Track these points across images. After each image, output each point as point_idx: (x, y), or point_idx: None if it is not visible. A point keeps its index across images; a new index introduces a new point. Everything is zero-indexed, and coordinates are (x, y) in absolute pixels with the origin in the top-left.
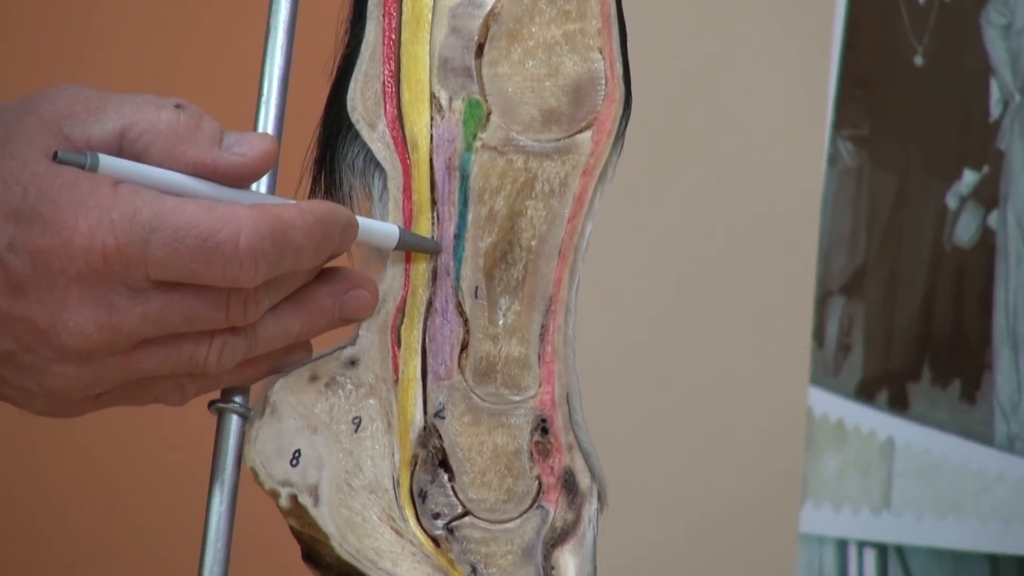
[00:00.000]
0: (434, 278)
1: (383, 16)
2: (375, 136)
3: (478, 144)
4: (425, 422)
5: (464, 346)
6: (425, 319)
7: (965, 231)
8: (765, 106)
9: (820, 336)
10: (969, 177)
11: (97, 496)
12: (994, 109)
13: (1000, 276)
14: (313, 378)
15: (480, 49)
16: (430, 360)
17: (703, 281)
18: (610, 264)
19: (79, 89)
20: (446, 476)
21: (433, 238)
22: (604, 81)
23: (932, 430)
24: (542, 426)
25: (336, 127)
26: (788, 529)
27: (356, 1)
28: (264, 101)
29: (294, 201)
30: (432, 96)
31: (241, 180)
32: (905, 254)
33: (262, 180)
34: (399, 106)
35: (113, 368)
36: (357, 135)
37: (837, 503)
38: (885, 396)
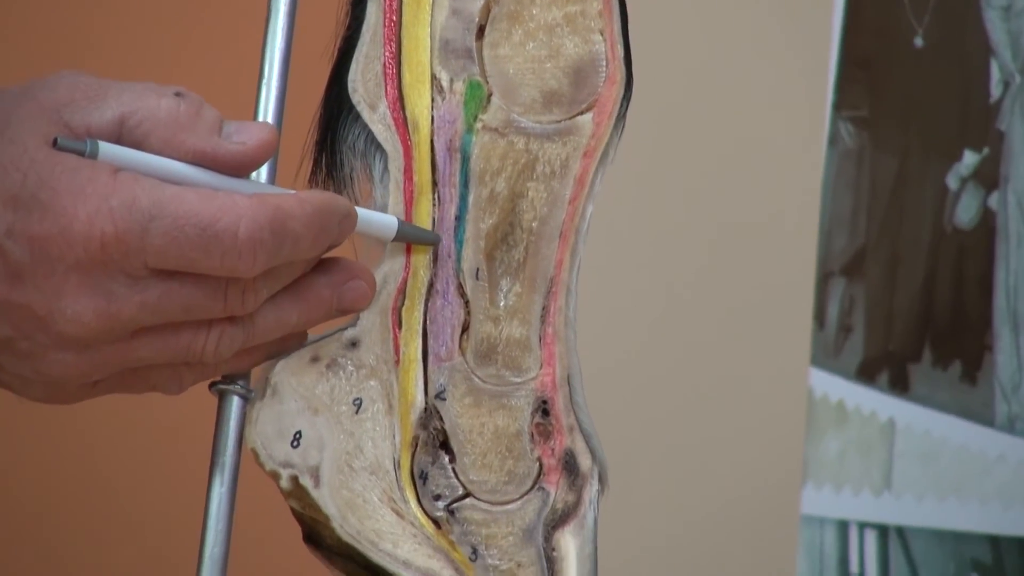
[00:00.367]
0: (435, 259)
1: None
2: (376, 118)
3: (479, 125)
4: (426, 403)
5: (465, 328)
6: (426, 300)
7: (966, 212)
8: (766, 88)
9: (821, 317)
10: (969, 158)
11: (97, 478)
12: (994, 90)
13: (1000, 257)
14: (314, 359)
15: (481, 31)
16: (431, 341)
17: (704, 264)
18: (611, 247)
19: (79, 76)
20: (447, 458)
21: (433, 230)
22: (605, 63)
23: (933, 411)
24: (543, 407)
25: (337, 108)
26: (789, 511)
27: None
28: (265, 83)
29: (293, 191)
30: (433, 77)
31: (240, 169)
32: (906, 235)
33: (262, 169)
34: (400, 87)
35: (110, 356)
36: (358, 117)
37: (838, 484)
38: (886, 377)
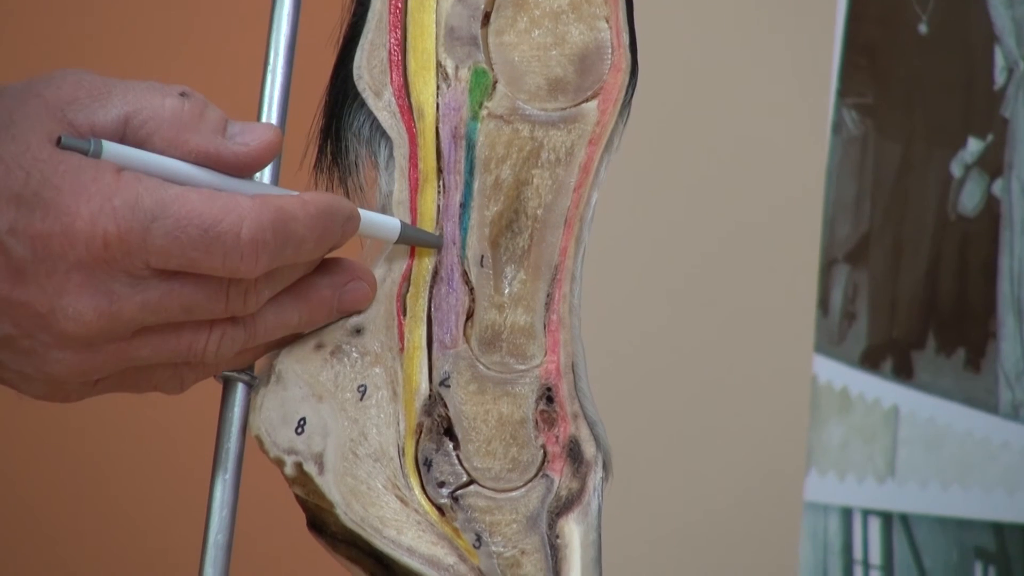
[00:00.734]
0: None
1: None
2: (381, 105)
3: (484, 113)
4: (430, 391)
5: (470, 315)
6: (431, 288)
7: (970, 199)
8: (770, 75)
9: (825, 304)
10: (973, 145)
11: (97, 476)
12: (998, 77)
13: (1005, 244)
14: (319, 346)
15: (486, 18)
16: (435, 329)
17: (708, 251)
18: (614, 235)
19: (84, 74)
20: (451, 445)
21: (438, 217)
22: (610, 50)
23: (937, 398)
24: (547, 395)
25: (342, 96)
26: (793, 498)
27: None
28: (270, 70)
29: (296, 192)
30: (438, 65)
31: (244, 170)
32: (909, 222)
33: (265, 169)
34: (405, 75)
35: (111, 355)
36: (363, 104)
37: (842, 471)
38: (890, 364)
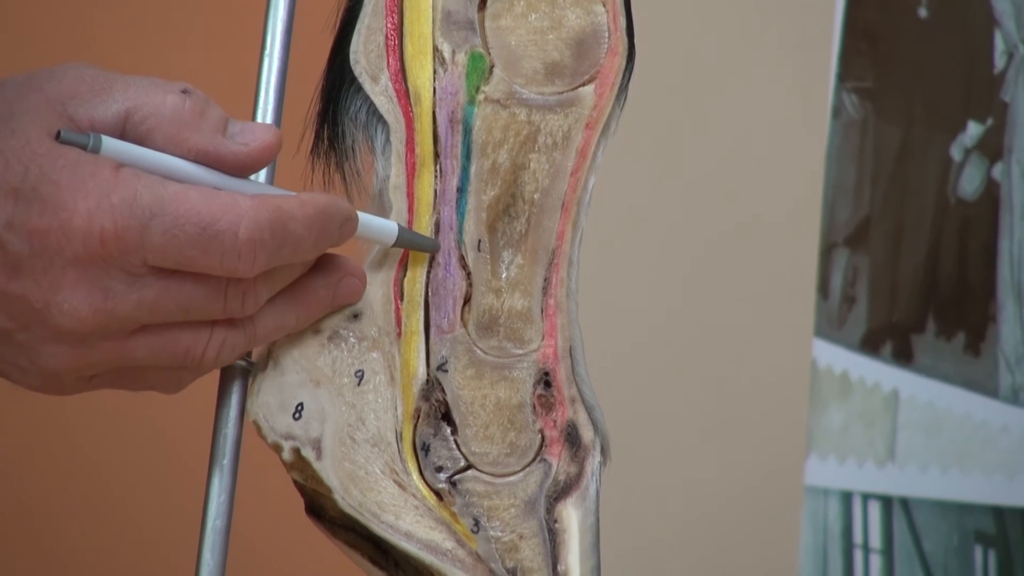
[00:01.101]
0: (437, 231)
1: None
2: (378, 89)
3: (481, 97)
4: (428, 375)
5: (467, 299)
6: (428, 272)
7: (969, 183)
8: (770, 59)
9: (824, 288)
10: (973, 129)
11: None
12: (998, 61)
13: (1004, 228)
14: (316, 331)
15: (483, 2)
16: (433, 313)
17: (708, 236)
18: (613, 221)
19: (86, 69)
20: (449, 429)
21: (435, 203)
22: (607, 34)
23: (936, 382)
24: (545, 379)
25: (339, 80)
26: (793, 482)
27: None
28: (267, 55)
29: (295, 193)
30: (435, 49)
31: (243, 170)
32: (909, 206)
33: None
34: (402, 59)
35: (107, 353)
36: (360, 88)
37: (842, 455)
38: (889, 348)
